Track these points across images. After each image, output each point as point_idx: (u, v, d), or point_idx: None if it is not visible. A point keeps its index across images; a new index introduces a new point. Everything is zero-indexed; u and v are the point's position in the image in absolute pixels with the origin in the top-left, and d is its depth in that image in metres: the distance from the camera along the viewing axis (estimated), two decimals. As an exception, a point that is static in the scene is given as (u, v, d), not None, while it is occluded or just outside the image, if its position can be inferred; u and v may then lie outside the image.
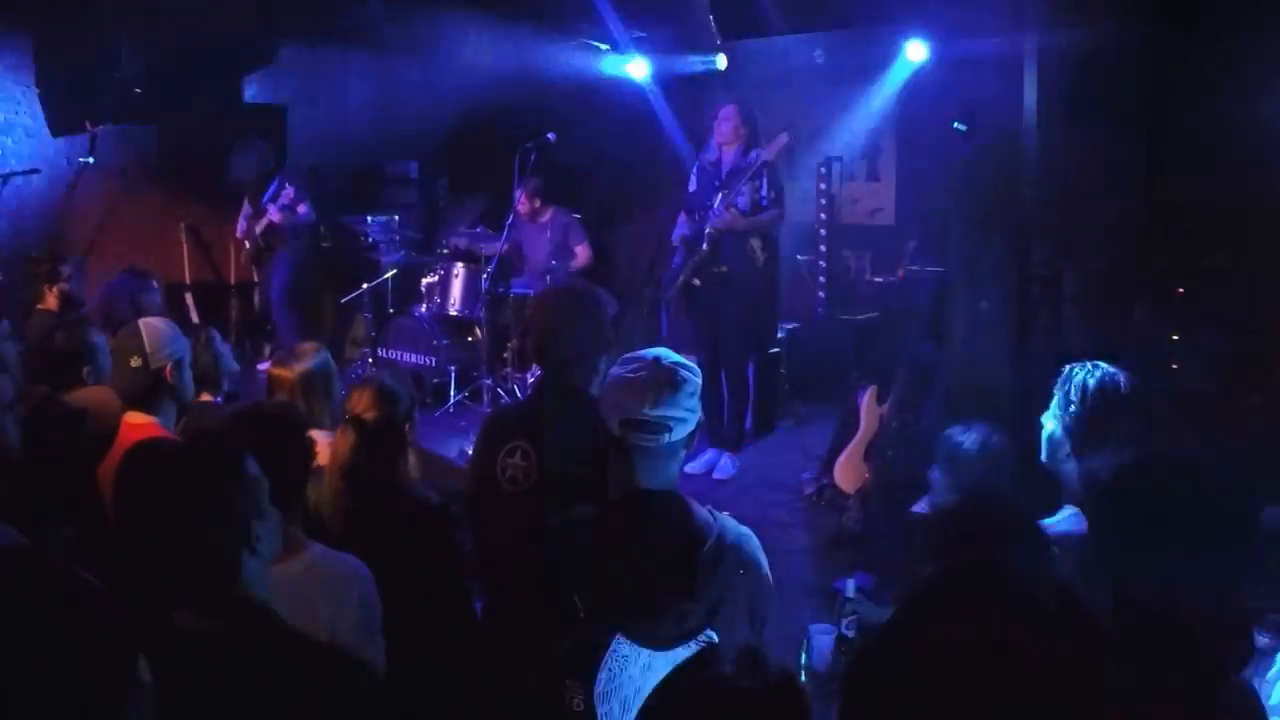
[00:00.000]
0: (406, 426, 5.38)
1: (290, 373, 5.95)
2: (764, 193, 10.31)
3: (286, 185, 13.25)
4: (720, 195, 10.34)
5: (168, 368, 5.77)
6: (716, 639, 3.51)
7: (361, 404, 5.21)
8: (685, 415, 3.98)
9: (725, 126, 10.49)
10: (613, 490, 3.96)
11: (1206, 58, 9.50)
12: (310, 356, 6.05)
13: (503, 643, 4.88)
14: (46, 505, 4.61)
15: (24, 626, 2.28)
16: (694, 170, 10.76)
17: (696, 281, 10.50)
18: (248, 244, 13.75)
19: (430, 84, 14.28)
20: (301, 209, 13.33)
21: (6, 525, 4.00)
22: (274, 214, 13.28)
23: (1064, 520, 4.91)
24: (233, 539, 3.41)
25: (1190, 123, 9.64)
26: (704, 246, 10.40)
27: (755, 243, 10.35)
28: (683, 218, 10.72)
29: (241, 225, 13.73)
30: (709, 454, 10.61)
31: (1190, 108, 9.64)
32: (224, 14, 12.64)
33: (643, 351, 4.05)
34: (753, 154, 10.34)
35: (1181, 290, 9.77)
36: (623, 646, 3.53)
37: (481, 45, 13.63)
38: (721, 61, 13.18)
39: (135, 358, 5.72)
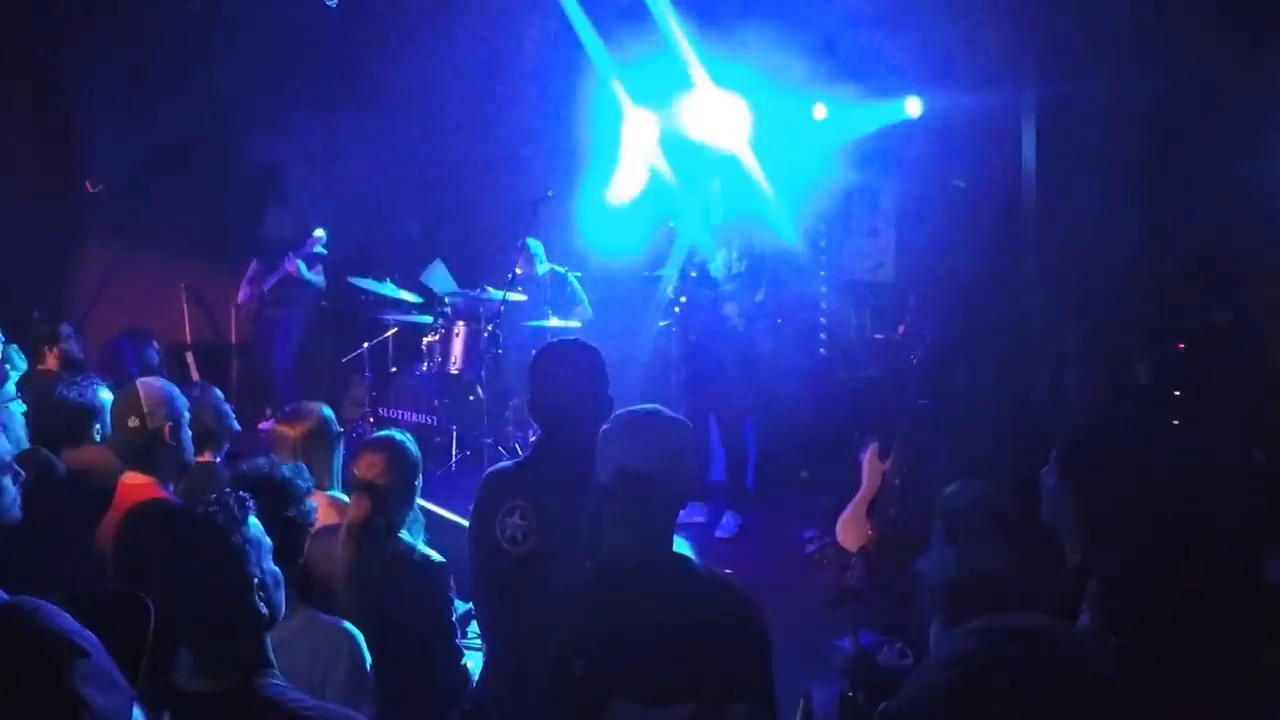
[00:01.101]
0: (413, 486, 5.40)
1: (293, 431, 5.97)
2: (737, 260, 10.34)
3: (315, 231, 13.32)
4: (695, 262, 10.44)
5: (166, 427, 5.76)
6: (715, 698, 3.49)
7: (374, 469, 5.21)
8: (680, 469, 3.97)
9: (711, 187, 10.58)
10: (608, 546, 3.95)
11: (1206, 111, 9.52)
12: (313, 416, 6.06)
13: (501, 703, 4.87)
14: (45, 568, 4.59)
15: (22, 683, 2.27)
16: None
17: (692, 337, 10.57)
18: (250, 305, 13.79)
19: (430, 142, 14.32)
20: (315, 270, 13.40)
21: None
22: (289, 264, 13.30)
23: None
24: (235, 601, 3.41)
25: (1191, 176, 9.65)
26: (675, 310, 10.49)
27: (730, 308, 10.38)
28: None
29: (244, 291, 13.74)
30: (710, 511, 10.60)
31: (1191, 161, 9.65)
32: (225, 75, 12.71)
33: (637, 407, 4.06)
34: (735, 217, 10.40)
35: (1182, 345, 9.76)
36: (621, 706, 3.51)
37: (484, 100, 13.71)
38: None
39: (133, 417, 5.71)
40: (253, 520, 3.56)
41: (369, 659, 4.29)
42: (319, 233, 13.41)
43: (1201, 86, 9.47)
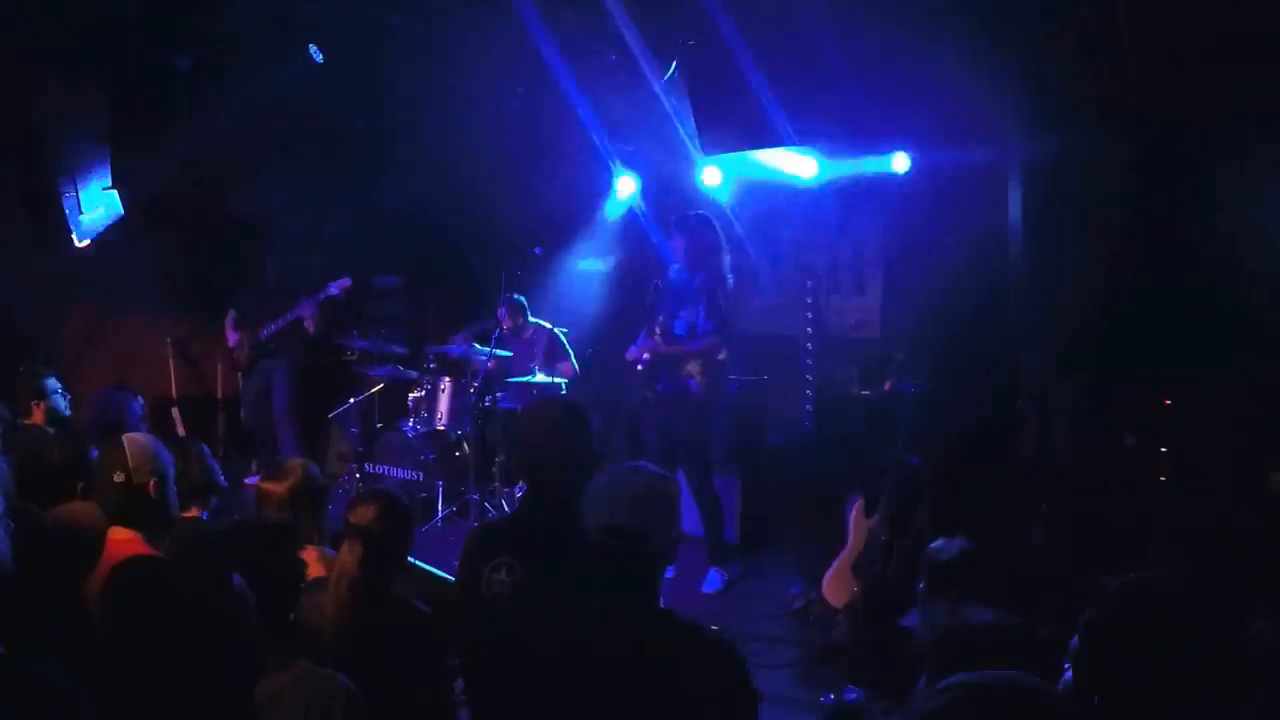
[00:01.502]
0: (407, 540, 5.41)
1: (280, 487, 5.94)
2: (701, 319, 10.37)
3: (339, 282, 13.22)
4: (660, 319, 10.45)
5: (151, 483, 5.75)
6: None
7: (367, 516, 5.21)
8: (666, 525, 3.99)
9: (674, 245, 10.60)
10: (597, 603, 3.95)
11: (1192, 167, 9.56)
12: (299, 471, 6.04)
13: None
14: (31, 623, 4.58)
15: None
16: (653, 287, 10.81)
17: (649, 394, 10.58)
18: (242, 352, 13.68)
19: (415, 195, 14.37)
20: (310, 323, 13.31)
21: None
22: (305, 309, 13.21)
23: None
24: (217, 656, 3.40)
25: (1177, 231, 9.68)
26: (639, 368, 10.50)
27: (692, 366, 10.41)
28: (643, 334, 10.79)
29: (232, 337, 13.68)
30: (710, 570, 10.59)
31: (1176, 216, 9.69)
32: (210, 130, 12.73)
33: (624, 463, 4.09)
34: (698, 278, 10.41)
35: (1169, 402, 9.77)
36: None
37: (469, 156, 13.74)
38: (712, 175, 13.14)
39: (118, 473, 5.71)
40: (234, 577, 3.57)
41: (363, 711, 4.28)
42: (343, 281, 13.31)
43: (1187, 137, 9.52)
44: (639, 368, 10.68)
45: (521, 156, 13.69)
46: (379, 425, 13.50)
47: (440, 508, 12.41)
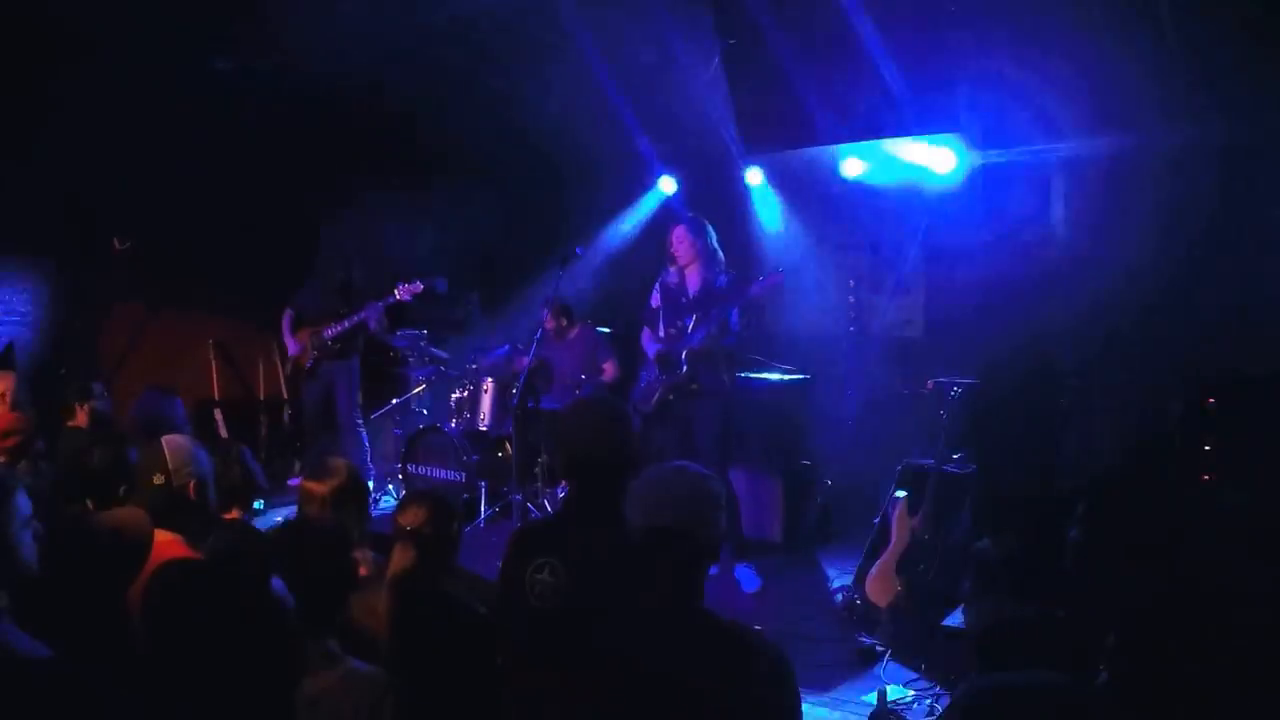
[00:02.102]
0: (457, 541, 5.43)
1: (323, 487, 5.95)
2: (734, 322, 10.36)
3: (410, 286, 13.07)
4: (695, 318, 10.36)
5: (191, 485, 5.77)
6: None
7: (419, 519, 5.23)
8: (710, 524, 3.98)
9: (681, 248, 10.50)
10: (643, 602, 3.94)
11: (1241, 164, 9.49)
12: (343, 471, 6.05)
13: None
14: (74, 625, 4.58)
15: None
16: (655, 287, 10.81)
17: (671, 397, 10.48)
18: (304, 356, 13.55)
19: (459, 199, 14.35)
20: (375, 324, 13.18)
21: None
22: (371, 312, 13.08)
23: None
24: (256, 658, 3.40)
25: (1225, 230, 9.61)
26: (683, 369, 10.40)
27: (724, 363, 10.39)
28: (647, 333, 10.79)
29: (292, 345, 13.53)
30: (736, 568, 10.53)
31: (1222, 214, 9.62)
32: (250, 136, 12.74)
33: (665, 463, 4.08)
34: (726, 280, 10.34)
35: (1213, 400, 9.69)
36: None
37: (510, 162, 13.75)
38: (755, 176, 13.16)
39: (158, 475, 5.74)
40: (274, 581, 3.58)
41: (410, 711, 4.29)
42: (415, 286, 13.19)
43: (1234, 133, 9.45)
44: (682, 368, 10.58)
45: (558, 155, 13.69)
46: (421, 426, 13.48)
47: (483, 508, 12.42)
